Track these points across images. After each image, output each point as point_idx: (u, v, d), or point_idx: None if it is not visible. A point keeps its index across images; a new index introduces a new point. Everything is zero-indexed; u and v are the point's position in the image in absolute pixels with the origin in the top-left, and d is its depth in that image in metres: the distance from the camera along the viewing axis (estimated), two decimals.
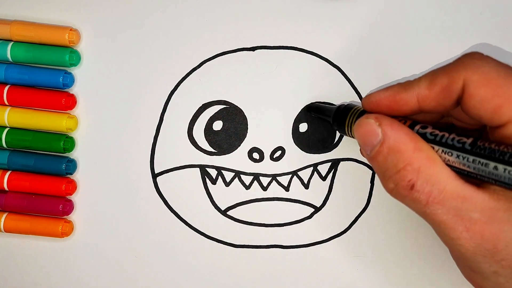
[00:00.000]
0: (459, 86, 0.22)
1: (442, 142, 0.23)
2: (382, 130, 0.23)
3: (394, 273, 0.33)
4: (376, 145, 0.24)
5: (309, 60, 0.32)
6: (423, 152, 0.23)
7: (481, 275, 0.23)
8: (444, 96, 0.23)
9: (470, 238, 0.22)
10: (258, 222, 0.33)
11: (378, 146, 0.24)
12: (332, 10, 0.32)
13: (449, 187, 0.22)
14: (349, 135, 0.28)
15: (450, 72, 0.23)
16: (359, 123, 0.25)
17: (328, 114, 0.30)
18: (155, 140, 0.33)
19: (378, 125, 0.24)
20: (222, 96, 0.33)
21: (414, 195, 0.22)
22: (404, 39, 0.32)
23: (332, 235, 0.33)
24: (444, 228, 0.22)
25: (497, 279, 0.22)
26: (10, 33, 0.32)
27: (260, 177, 0.33)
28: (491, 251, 0.22)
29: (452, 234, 0.22)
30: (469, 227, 0.22)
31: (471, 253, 0.22)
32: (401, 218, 0.32)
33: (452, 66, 0.23)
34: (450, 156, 0.22)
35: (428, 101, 0.24)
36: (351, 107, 0.28)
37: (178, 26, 0.33)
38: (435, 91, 0.23)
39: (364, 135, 0.24)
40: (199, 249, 0.33)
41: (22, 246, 0.34)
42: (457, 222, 0.22)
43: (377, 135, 0.24)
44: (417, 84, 0.24)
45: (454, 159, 0.22)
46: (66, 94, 0.32)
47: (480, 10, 0.32)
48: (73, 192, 0.33)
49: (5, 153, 0.32)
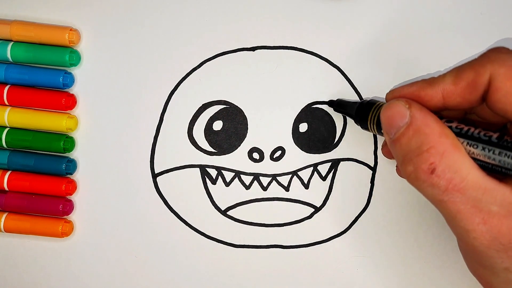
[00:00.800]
0: (485, 80, 0.22)
1: (468, 135, 0.23)
2: (411, 112, 0.23)
3: (394, 273, 0.33)
4: (402, 126, 0.23)
5: (309, 60, 0.32)
6: (449, 139, 0.22)
7: (491, 270, 0.23)
8: (470, 91, 0.23)
9: (486, 231, 0.21)
10: (258, 222, 0.33)
11: (403, 128, 0.23)
12: (332, 10, 0.32)
13: (471, 177, 0.22)
14: (371, 130, 0.28)
15: (476, 66, 0.22)
16: (388, 105, 0.24)
17: (350, 109, 0.30)
18: (155, 140, 0.33)
19: (408, 108, 0.23)
20: (222, 96, 0.33)
21: (434, 179, 0.22)
22: (404, 39, 0.32)
23: (332, 235, 0.33)
24: (460, 218, 0.22)
25: (507, 276, 0.22)
26: (10, 33, 0.32)
27: (260, 177, 0.33)
28: (506, 247, 0.21)
29: (468, 225, 0.22)
30: (487, 219, 0.21)
31: (485, 247, 0.22)
32: (401, 218, 0.33)
33: (478, 61, 0.23)
34: (475, 149, 0.22)
35: (453, 96, 0.23)
36: (374, 102, 0.28)
37: (178, 26, 0.33)
38: (461, 86, 0.23)
39: (392, 116, 0.24)
40: (199, 249, 0.33)
41: (22, 246, 0.34)
42: (475, 213, 0.21)
43: (405, 117, 0.23)
44: (442, 79, 0.24)
45: (479, 152, 0.22)
46: (66, 94, 0.32)
47: (480, 10, 0.32)
48: (73, 192, 0.33)
49: (5, 153, 0.32)
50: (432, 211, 0.32)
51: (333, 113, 0.33)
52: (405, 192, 0.32)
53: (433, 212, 0.32)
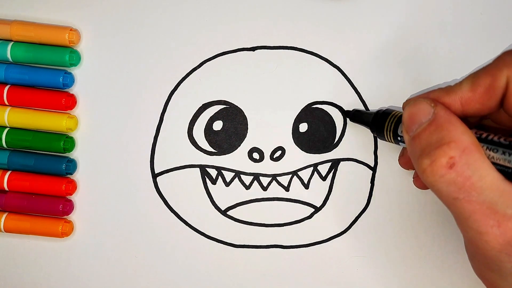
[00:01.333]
0: (503, 84, 0.22)
1: (488, 140, 0.23)
2: (435, 110, 0.23)
3: (394, 273, 0.33)
4: (424, 122, 0.23)
5: (309, 60, 0.32)
6: (471, 138, 0.22)
7: (499, 274, 0.22)
8: (489, 96, 0.22)
9: (500, 234, 0.21)
10: (258, 222, 0.33)
11: (426, 124, 0.23)
12: (332, 10, 0.32)
13: (489, 177, 0.21)
14: (388, 140, 0.28)
15: (492, 71, 0.22)
16: (413, 102, 0.24)
17: (366, 119, 0.30)
18: (155, 140, 0.33)
19: (433, 106, 0.23)
20: (222, 96, 0.33)
21: (452, 175, 0.21)
22: (404, 38, 0.32)
23: (332, 235, 0.33)
24: (474, 219, 0.21)
25: None
26: (10, 33, 0.32)
27: (260, 177, 0.33)
28: None
29: (481, 227, 0.21)
30: (502, 222, 0.21)
31: (496, 251, 0.21)
32: (401, 218, 0.32)
33: (493, 65, 0.22)
34: (495, 153, 0.22)
35: (472, 103, 0.23)
36: (389, 111, 0.28)
37: (178, 26, 0.33)
38: (479, 92, 0.23)
39: (415, 113, 0.23)
40: (199, 249, 0.33)
41: (22, 246, 0.34)
42: (490, 215, 0.21)
43: (428, 114, 0.23)
44: (459, 87, 0.23)
45: (499, 156, 0.22)
46: (66, 94, 0.32)
47: (480, 10, 0.32)
48: (73, 192, 0.33)
49: (5, 153, 0.32)
50: (432, 211, 0.32)
51: (333, 113, 0.33)
52: (405, 192, 0.32)
53: (433, 212, 0.32)
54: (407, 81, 0.32)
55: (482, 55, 0.32)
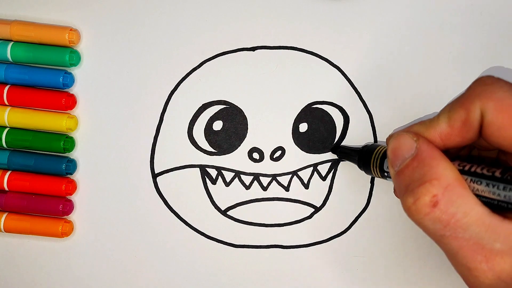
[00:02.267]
0: (478, 116, 0.22)
1: (471, 172, 0.22)
2: (418, 145, 0.23)
3: (394, 273, 0.33)
4: (407, 158, 0.23)
5: (309, 60, 0.32)
6: (454, 173, 0.22)
7: None
8: (466, 130, 0.22)
9: (488, 269, 0.21)
10: (258, 222, 0.33)
11: (409, 159, 0.23)
12: (332, 10, 0.32)
13: (474, 212, 0.21)
14: (375, 175, 0.28)
15: (465, 104, 0.22)
16: (395, 136, 0.24)
17: (353, 156, 0.30)
18: (155, 140, 0.33)
19: (415, 140, 0.23)
20: (222, 96, 0.33)
21: (436, 213, 0.21)
22: (404, 39, 0.32)
23: (332, 235, 0.33)
24: (462, 256, 0.21)
25: None
26: (10, 33, 0.32)
27: (260, 177, 0.33)
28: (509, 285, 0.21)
29: (470, 263, 0.21)
30: (489, 257, 0.21)
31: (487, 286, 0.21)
32: (401, 218, 0.32)
33: (466, 97, 0.22)
34: (479, 185, 0.22)
35: (452, 137, 0.23)
36: (374, 147, 0.28)
37: (178, 26, 0.33)
38: (456, 127, 0.23)
39: (398, 148, 0.23)
40: (199, 249, 0.33)
41: (22, 246, 0.34)
42: (477, 250, 0.21)
43: (411, 149, 0.23)
44: (437, 123, 0.23)
45: (483, 188, 0.22)
46: (66, 94, 0.32)
47: (480, 10, 0.32)
48: (73, 192, 0.33)
49: (5, 153, 0.32)
50: None
51: (333, 113, 0.33)
52: None
53: None
54: (407, 81, 0.32)
55: (482, 55, 0.32)
